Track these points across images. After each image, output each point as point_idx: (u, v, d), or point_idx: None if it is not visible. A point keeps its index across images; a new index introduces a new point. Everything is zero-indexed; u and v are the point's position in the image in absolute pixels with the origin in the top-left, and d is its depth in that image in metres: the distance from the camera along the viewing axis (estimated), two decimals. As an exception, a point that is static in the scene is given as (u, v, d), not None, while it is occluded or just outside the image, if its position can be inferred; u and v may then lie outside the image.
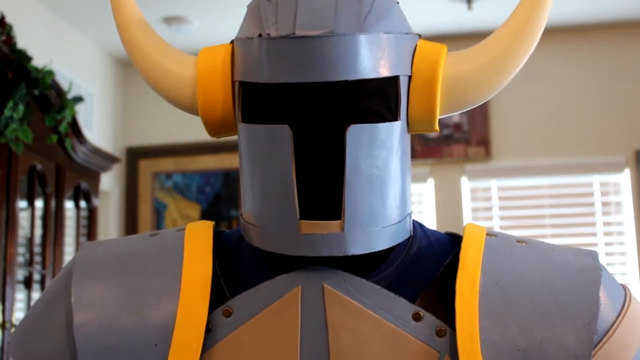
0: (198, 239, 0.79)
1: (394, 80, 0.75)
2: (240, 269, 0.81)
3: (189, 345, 0.72)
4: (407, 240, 0.80)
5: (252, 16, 0.77)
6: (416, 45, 0.77)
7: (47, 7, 3.57)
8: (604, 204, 3.99)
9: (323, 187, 0.73)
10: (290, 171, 0.72)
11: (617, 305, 0.76)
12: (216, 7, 3.65)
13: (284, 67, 0.71)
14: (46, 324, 0.78)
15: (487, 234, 0.80)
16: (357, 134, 0.71)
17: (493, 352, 0.71)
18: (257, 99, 0.75)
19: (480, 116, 4.04)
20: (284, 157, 0.72)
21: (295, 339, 0.73)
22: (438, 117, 0.78)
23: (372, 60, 0.72)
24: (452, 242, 0.83)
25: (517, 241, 0.80)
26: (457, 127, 4.08)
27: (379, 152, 0.73)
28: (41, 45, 3.34)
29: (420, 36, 0.79)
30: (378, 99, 0.74)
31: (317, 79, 0.71)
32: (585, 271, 0.76)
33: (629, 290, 0.79)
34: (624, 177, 3.96)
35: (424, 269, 0.79)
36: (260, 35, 0.73)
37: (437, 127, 0.79)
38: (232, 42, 0.79)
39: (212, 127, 0.79)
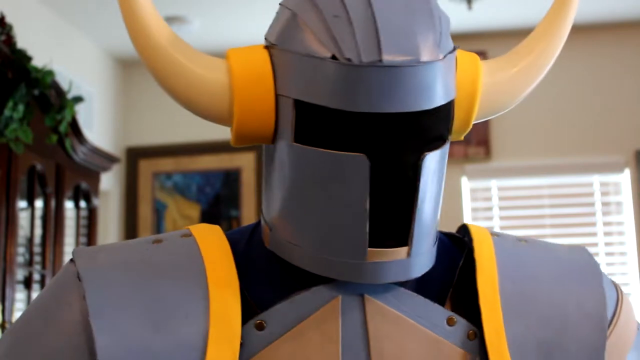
0: (215, 248, 0.75)
1: (452, 100, 0.73)
2: (257, 276, 0.77)
3: None
4: None
5: (312, 28, 0.70)
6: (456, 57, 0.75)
7: (47, 7, 3.57)
8: (604, 204, 3.99)
9: (393, 215, 0.71)
10: (365, 201, 0.68)
11: (614, 296, 0.81)
12: (216, 7, 3.65)
13: (368, 96, 0.67)
14: (48, 339, 0.72)
15: (490, 234, 0.82)
16: (429, 162, 0.71)
17: (519, 348, 0.73)
18: (318, 121, 0.70)
19: (480, 116, 4.04)
20: (359, 186, 0.68)
21: (337, 351, 0.70)
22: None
23: (445, 85, 0.71)
24: (450, 243, 0.84)
25: (518, 240, 0.83)
26: (457, 127, 4.07)
27: (439, 175, 0.73)
28: (41, 45, 3.33)
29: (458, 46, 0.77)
30: (444, 123, 0.73)
31: (403, 109, 0.67)
32: (586, 267, 0.80)
33: (614, 281, 0.85)
34: (624, 177, 3.96)
35: (437, 272, 0.79)
36: (334, 57, 0.68)
37: (463, 137, 0.80)
38: (266, 47, 0.74)
39: (243, 139, 0.74)
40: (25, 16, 3.30)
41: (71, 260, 0.76)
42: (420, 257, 0.72)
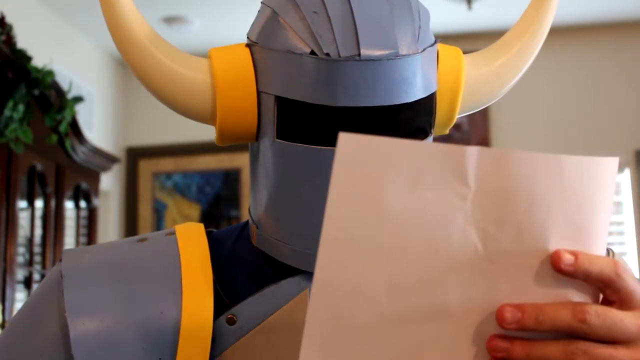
0: (193, 246, 0.75)
1: (433, 93, 0.74)
2: (238, 273, 0.78)
3: (195, 358, 0.69)
4: None
5: (292, 25, 0.70)
6: (437, 51, 0.76)
7: (47, 7, 3.57)
8: (604, 204, 3.99)
9: None
10: None
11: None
12: (216, 7, 3.65)
13: (347, 90, 0.68)
14: (34, 339, 0.73)
15: None
16: None
17: None
18: (300, 117, 0.70)
19: (480, 116, 4.04)
20: None
21: None
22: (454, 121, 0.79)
23: (425, 78, 0.71)
24: None
25: None
26: (457, 127, 4.08)
27: None
28: (41, 45, 3.34)
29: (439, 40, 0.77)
30: (424, 116, 0.73)
31: (382, 102, 0.68)
32: None
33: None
34: (624, 177, 3.96)
35: None
36: (312, 52, 0.68)
37: (448, 131, 0.80)
38: (248, 45, 0.74)
39: (227, 138, 0.75)
40: (25, 16, 3.30)
41: (60, 260, 0.77)
42: None
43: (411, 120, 0.71)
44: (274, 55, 0.71)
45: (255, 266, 0.78)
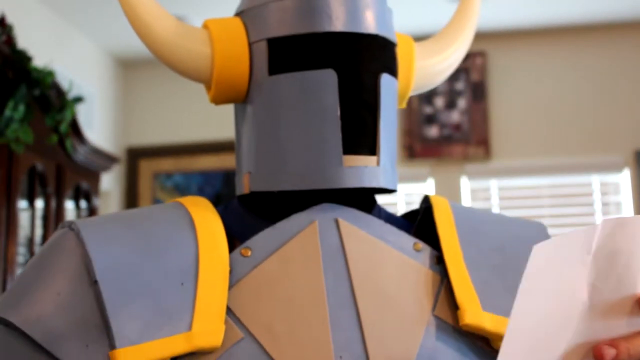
0: (196, 202, 0.82)
1: (396, 49, 0.85)
2: (240, 226, 0.83)
3: (215, 282, 0.73)
4: (378, 206, 0.89)
5: None
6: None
7: (47, 7, 3.58)
8: (604, 203, 4.00)
9: (359, 125, 0.80)
10: (336, 110, 0.78)
11: None
12: (216, 7, 3.66)
13: (330, 18, 0.79)
14: (51, 281, 0.74)
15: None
16: (386, 83, 0.82)
17: (476, 268, 0.80)
18: (289, 53, 0.80)
19: (480, 116, 4.05)
20: (330, 97, 0.79)
21: (319, 269, 0.75)
22: (408, 97, 0.90)
23: (390, 24, 0.84)
24: (407, 216, 0.92)
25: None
26: (457, 127, 4.08)
27: (393, 103, 0.84)
28: (42, 45, 3.34)
29: None
30: (392, 60, 0.84)
31: (359, 29, 0.80)
32: (533, 223, 0.90)
33: None
34: (624, 177, 3.97)
35: (398, 226, 0.87)
36: None
37: (404, 105, 0.92)
38: (238, 14, 0.84)
39: (221, 90, 0.83)
40: (25, 16, 3.31)
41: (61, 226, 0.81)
42: (387, 172, 0.82)
43: (383, 55, 0.82)
44: (262, 8, 0.82)
45: (248, 219, 0.84)
